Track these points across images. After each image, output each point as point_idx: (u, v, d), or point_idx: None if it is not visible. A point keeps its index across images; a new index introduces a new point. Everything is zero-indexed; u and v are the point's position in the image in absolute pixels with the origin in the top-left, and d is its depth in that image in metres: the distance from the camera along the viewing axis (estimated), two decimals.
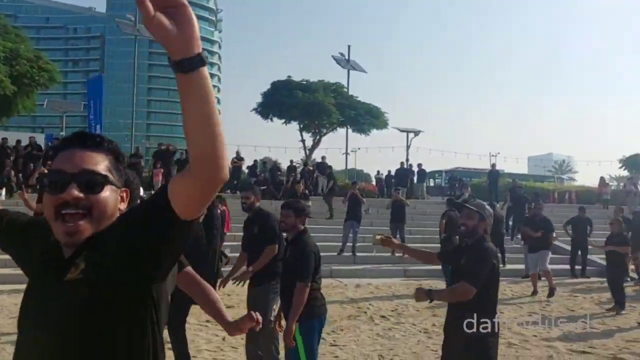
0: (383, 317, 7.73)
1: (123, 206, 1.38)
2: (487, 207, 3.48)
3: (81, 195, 1.26)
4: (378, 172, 24.27)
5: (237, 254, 5.93)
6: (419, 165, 22.54)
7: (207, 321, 7.14)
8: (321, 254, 12.11)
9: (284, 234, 4.35)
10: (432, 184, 32.21)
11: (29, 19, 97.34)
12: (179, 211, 1.18)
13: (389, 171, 22.09)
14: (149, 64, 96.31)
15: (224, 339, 6.33)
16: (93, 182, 1.28)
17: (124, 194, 1.39)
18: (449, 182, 24.30)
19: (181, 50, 1.04)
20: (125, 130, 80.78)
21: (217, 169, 1.12)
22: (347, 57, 29.81)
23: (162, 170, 16.42)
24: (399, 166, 20.86)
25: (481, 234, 3.35)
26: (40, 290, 1.31)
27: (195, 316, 7.21)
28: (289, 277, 3.85)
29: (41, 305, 1.28)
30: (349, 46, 30.25)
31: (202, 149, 1.10)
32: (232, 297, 8.72)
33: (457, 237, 7.83)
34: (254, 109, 29.71)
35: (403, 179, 19.32)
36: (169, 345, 5.40)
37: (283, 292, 3.94)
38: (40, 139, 20.75)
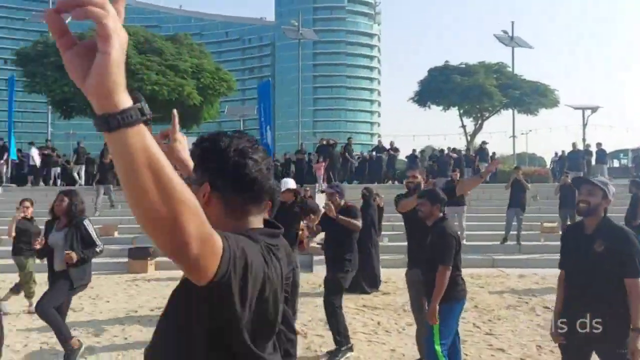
0: (546, 308, 7.30)
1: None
2: (611, 185, 3.12)
3: None
4: (556, 154, 22.50)
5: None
6: (598, 144, 20.29)
7: (364, 306, 7.53)
8: (483, 242, 11.76)
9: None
10: (616, 164, 28.67)
11: (212, 35, 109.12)
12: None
13: (563, 152, 20.43)
14: (314, 64, 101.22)
15: (378, 323, 6.63)
16: None
17: (204, 194, 1.23)
18: (634, 161, 21.43)
19: (95, 103, 0.84)
20: (294, 128, 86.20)
21: (157, 242, 0.93)
22: (510, 35, 28.03)
23: (323, 163, 17.38)
24: (572, 148, 19.10)
25: (602, 214, 3.04)
26: None
27: (353, 301, 7.67)
28: (431, 262, 3.98)
29: None
30: (512, 22, 28.42)
31: (144, 227, 0.91)
32: (389, 284, 9.02)
33: None
34: (411, 98, 29.57)
35: (575, 162, 17.66)
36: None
37: (426, 277, 4.08)
38: None
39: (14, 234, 6.94)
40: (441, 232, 3.97)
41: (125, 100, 0.84)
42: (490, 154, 20.47)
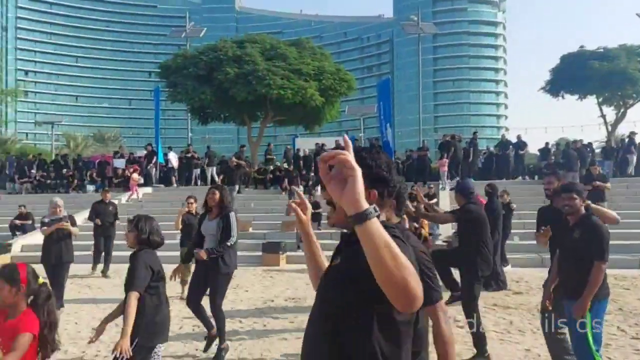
0: None
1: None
2: None
3: None
4: None
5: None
6: None
7: (495, 305, 7.34)
8: (627, 241, 10.89)
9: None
10: None
11: (331, 37, 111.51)
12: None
13: None
14: (434, 58, 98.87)
15: (511, 322, 6.45)
16: None
17: (370, 195, 1.59)
18: None
19: (349, 208, 1.31)
20: (414, 125, 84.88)
21: (398, 304, 1.31)
22: None
23: (446, 160, 17.00)
24: None
25: None
26: None
27: (482, 299, 7.49)
28: (572, 258, 3.85)
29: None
30: None
31: (382, 286, 1.30)
32: (521, 284, 8.67)
33: None
34: (542, 88, 27.74)
35: None
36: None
37: (566, 273, 3.94)
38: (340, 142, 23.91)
39: (180, 226, 7.80)
40: (593, 226, 3.78)
41: (365, 204, 1.30)
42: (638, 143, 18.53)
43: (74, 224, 7.25)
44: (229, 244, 5.10)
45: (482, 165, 19.32)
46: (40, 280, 2.53)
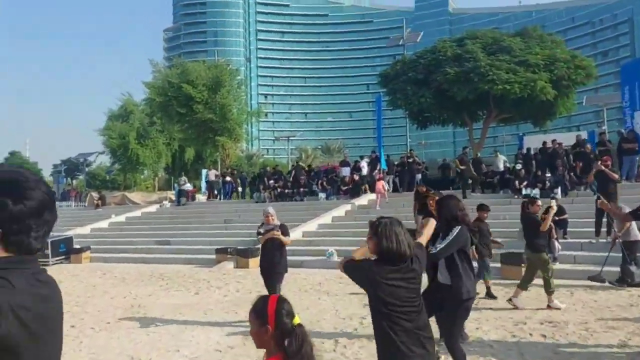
0: None
1: None
2: None
3: None
4: None
5: None
6: None
7: None
8: None
9: None
10: None
11: (556, 25, 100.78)
12: None
13: None
14: None
15: None
16: None
17: None
18: None
19: None
20: None
21: None
22: None
23: None
24: None
25: None
26: None
27: None
28: None
29: None
30: None
31: None
32: None
33: None
34: None
35: None
36: None
37: None
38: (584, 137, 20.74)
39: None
40: None
41: None
42: None
43: (285, 233, 6.96)
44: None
45: None
46: (297, 319, 2.01)
